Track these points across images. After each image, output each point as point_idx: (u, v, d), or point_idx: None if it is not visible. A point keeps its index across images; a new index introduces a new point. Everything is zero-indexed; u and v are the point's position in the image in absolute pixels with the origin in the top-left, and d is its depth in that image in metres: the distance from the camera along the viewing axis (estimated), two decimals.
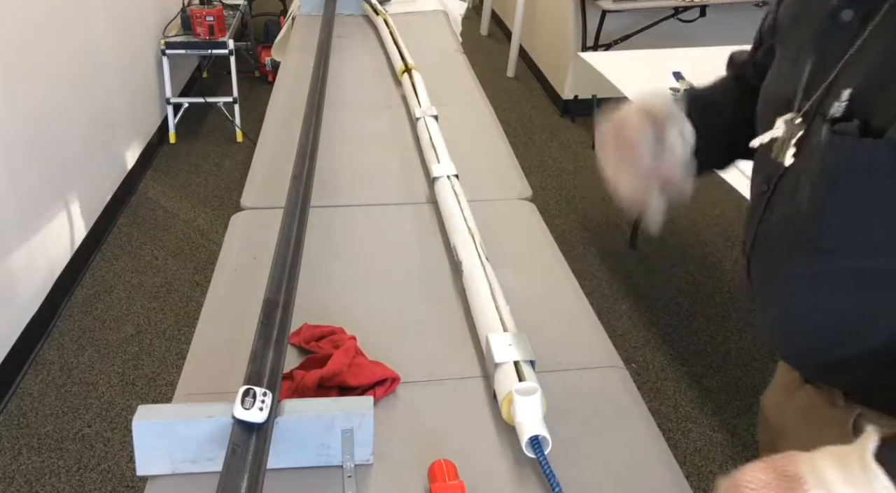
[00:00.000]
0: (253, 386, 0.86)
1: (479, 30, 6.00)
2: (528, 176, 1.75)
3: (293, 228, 1.25)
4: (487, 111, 2.08)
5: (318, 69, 2.03)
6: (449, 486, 0.88)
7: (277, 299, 1.05)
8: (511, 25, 5.05)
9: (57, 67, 2.63)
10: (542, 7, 4.79)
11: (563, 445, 0.97)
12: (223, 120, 4.07)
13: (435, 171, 1.60)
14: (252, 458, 0.80)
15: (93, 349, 2.40)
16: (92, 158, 2.93)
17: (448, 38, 2.78)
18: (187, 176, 3.56)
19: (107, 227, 3.05)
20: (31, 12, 2.43)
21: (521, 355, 1.03)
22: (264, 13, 5.06)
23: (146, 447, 0.88)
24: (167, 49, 3.64)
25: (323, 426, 0.90)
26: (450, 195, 1.49)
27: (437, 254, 1.41)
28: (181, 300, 2.65)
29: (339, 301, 1.26)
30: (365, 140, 1.88)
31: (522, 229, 1.50)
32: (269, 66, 4.57)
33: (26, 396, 2.20)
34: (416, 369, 1.11)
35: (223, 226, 2.34)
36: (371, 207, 1.57)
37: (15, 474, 1.95)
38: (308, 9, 3.00)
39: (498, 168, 1.74)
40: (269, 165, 1.73)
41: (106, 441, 2.06)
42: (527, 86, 4.87)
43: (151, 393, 2.23)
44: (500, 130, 1.97)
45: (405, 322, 1.22)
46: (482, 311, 1.17)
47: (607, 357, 1.15)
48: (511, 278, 1.30)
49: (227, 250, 1.40)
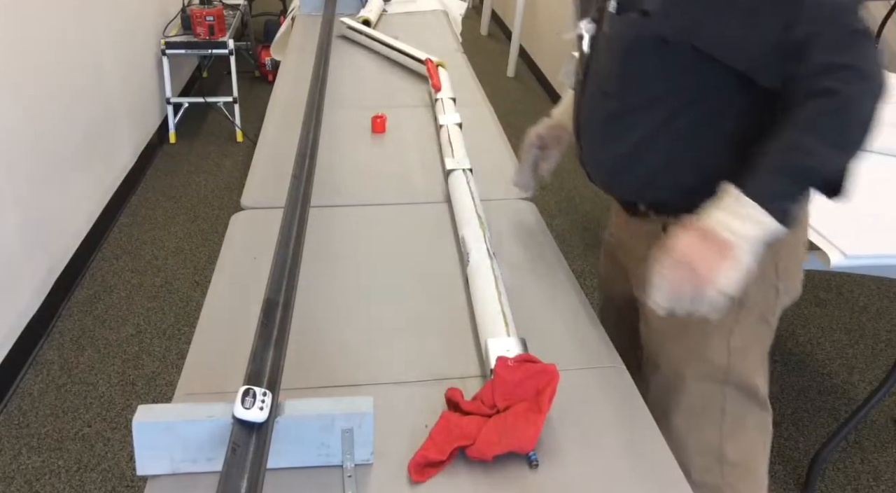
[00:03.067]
0: (253, 386, 0.86)
1: (479, 30, 6.00)
2: None
3: (293, 228, 1.25)
4: (487, 111, 2.08)
5: (318, 69, 2.03)
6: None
7: (277, 299, 1.05)
8: (511, 25, 5.05)
9: (57, 67, 2.63)
10: (542, 7, 4.79)
11: (563, 445, 0.97)
12: (223, 120, 4.07)
13: (449, 164, 1.63)
14: (252, 458, 0.80)
15: (93, 349, 2.40)
16: (92, 158, 2.93)
17: (448, 38, 2.78)
18: (187, 176, 3.56)
19: (107, 227, 3.05)
20: (32, 12, 2.43)
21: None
22: (264, 13, 5.06)
23: (146, 447, 0.88)
24: (167, 49, 3.64)
25: (323, 426, 0.90)
26: (463, 188, 1.52)
27: (437, 254, 1.41)
28: (181, 300, 2.65)
29: (339, 301, 1.26)
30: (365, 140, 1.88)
31: (522, 229, 1.50)
32: (269, 66, 4.57)
33: (26, 396, 2.21)
34: (416, 368, 1.11)
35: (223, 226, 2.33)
36: (371, 207, 1.57)
37: (15, 474, 1.95)
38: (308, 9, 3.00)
39: (498, 168, 1.74)
40: (269, 164, 1.73)
41: (106, 441, 2.06)
42: (527, 86, 4.87)
43: (151, 393, 2.23)
44: (500, 130, 1.97)
45: (405, 322, 1.22)
46: (484, 310, 1.17)
47: (607, 357, 1.15)
48: (511, 277, 1.31)
49: (227, 249, 1.40)
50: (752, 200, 0.91)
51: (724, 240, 0.92)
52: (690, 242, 0.94)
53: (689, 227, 0.96)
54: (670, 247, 0.96)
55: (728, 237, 0.92)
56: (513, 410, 0.96)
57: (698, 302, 0.94)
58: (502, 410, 0.97)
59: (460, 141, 1.73)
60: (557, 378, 0.98)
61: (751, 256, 0.92)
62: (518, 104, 4.55)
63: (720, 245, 0.92)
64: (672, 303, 0.96)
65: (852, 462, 2.05)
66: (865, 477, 2.01)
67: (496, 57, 5.35)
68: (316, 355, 1.13)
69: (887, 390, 1.79)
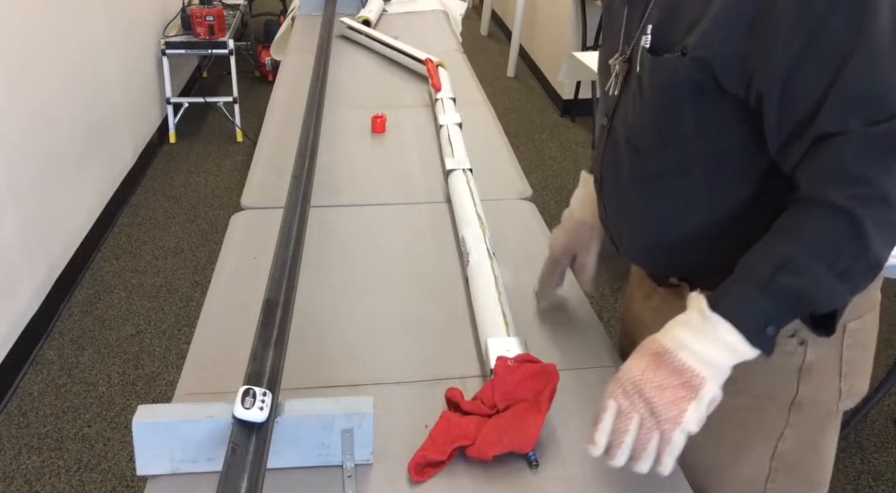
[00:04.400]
0: (253, 386, 0.86)
1: (479, 30, 6.00)
2: (528, 176, 1.75)
3: (293, 228, 1.25)
4: (487, 111, 2.08)
5: (318, 69, 2.03)
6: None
7: (277, 299, 1.05)
8: (511, 25, 5.05)
9: (57, 67, 2.63)
10: (542, 7, 4.79)
11: (563, 445, 0.97)
12: (223, 120, 4.07)
13: (449, 164, 1.63)
14: (252, 458, 0.80)
15: (93, 349, 2.40)
16: (92, 157, 2.93)
17: (448, 38, 2.78)
18: (187, 176, 3.56)
19: (107, 227, 3.05)
20: (32, 12, 2.43)
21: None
22: (264, 13, 5.06)
23: (146, 446, 0.88)
24: (167, 49, 3.64)
25: (323, 426, 0.90)
26: (463, 188, 1.52)
27: (438, 253, 1.41)
28: (181, 300, 2.65)
29: (339, 301, 1.26)
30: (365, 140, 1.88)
31: (522, 229, 1.50)
32: (269, 66, 4.57)
33: (26, 396, 2.20)
34: (416, 368, 1.11)
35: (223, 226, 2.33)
36: (371, 207, 1.57)
37: (15, 474, 1.95)
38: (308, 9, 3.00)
39: (498, 168, 1.74)
40: (269, 164, 1.73)
41: (106, 441, 2.06)
42: (527, 86, 4.87)
43: (151, 393, 2.23)
44: (500, 129, 1.97)
45: (405, 322, 1.22)
46: (484, 310, 1.17)
47: (607, 357, 1.15)
48: (511, 277, 1.31)
49: (227, 249, 1.40)
50: (725, 320, 0.74)
51: (685, 368, 0.75)
52: (644, 369, 0.78)
53: (643, 347, 0.80)
54: (619, 373, 0.80)
55: (690, 365, 0.75)
56: (513, 410, 0.96)
57: (648, 446, 0.77)
58: (502, 410, 0.97)
59: (460, 141, 1.73)
60: (557, 378, 0.98)
61: (719, 386, 0.76)
62: (518, 104, 4.55)
63: (680, 373, 0.75)
64: (615, 446, 0.79)
65: (852, 462, 2.05)
66: (865, 477, 2.01)
67: (496, 57, 5.35)
68: (316, 355, 1.13)
69: (887, 390, 1.80)
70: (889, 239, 0.72)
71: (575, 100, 4.29)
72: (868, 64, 0.70)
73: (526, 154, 3.82)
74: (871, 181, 0.70)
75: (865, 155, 0.71)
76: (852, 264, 0.72)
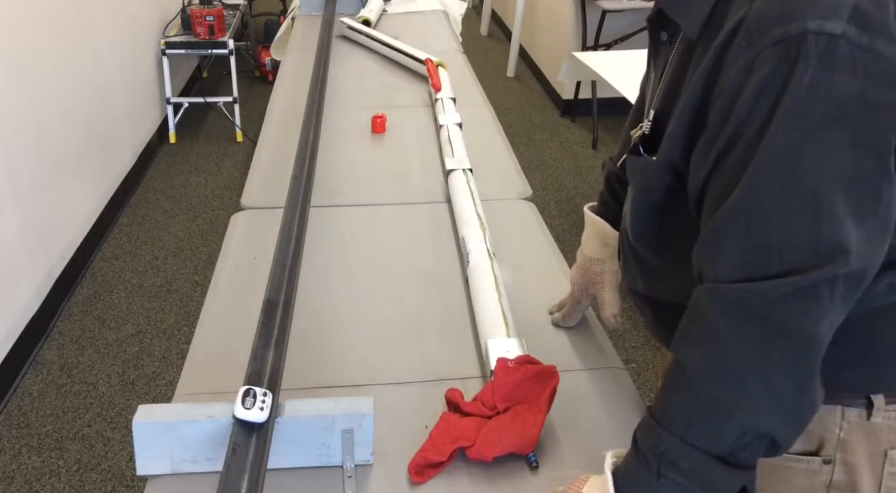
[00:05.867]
0: (253, 386, 0.86)
1: (479, 30, 6.00)
2: (528, 176, 1.75)
3: (293, 228, 1.25)
4: (487, 111, 2.08)
5: (318, 69, 2.03)
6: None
7: (277, 299, 1.05)
8: (511, 25, 5.05)
9: (57, 68, 2.63)
10: (542, 7, 4.79)
11: (563, 446, 0.97)
12: (223, 120, 4.07)
13: (449, 164, 1.63)
14: (252, 458, 0.80)
15: (93, 349, 2.40)
16: (92, 157, 2.93)
17: (448, 38, 2.78)
18: (187, 176, 3.56)
19: (107, 227, 3.05)
20: (32, 12, 2.43)
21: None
22: (264, 13, 5.06)
23: (146, 446, 0.88)
24: (167, 49, 3.64)
25: (323, 426, 0.90)
26: (463, 188, 1.51)
27: (438, 254, 1.41)
28: (181, 300, 2.65)
29: (339, 301, 1.26)
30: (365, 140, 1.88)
31: (522, 229, 1.50)
32: (269, 66, 4.57)
33: (26, 396, 2.20)
34: (416, 369, 1.11)
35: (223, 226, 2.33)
36: (371, 207, 1.57)
37: (15, 474, 1.95)
38: (308, 9, 3.00)
39: (498, 168, 1.74)
40: (269, 164, 1.73)
41: (106, 441, 2.06)
42: (527, 86, 4.87)
43: (151, 393, 2.23)
44: (500, 129, 1.97)
45: (405, 322, 1.22)
46: (484, 310, 1.17)
47: (607, 358, 1.15)
48: (511, 277, 1.31)
49: (227, 249, 1.40)
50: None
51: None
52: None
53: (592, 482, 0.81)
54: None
55: None
56: (513, 411, 0.96)
57: None
58: (502, 411, 0.97)
59: (460, 141, 1.73)
60: (557, 379, 0.98)
61: None
62: (518, 104, 4.55)
63: None
64: None
65: None
66: None
67: (496, 57, 5.34)
68: (316, 355, 1.13)
69: None
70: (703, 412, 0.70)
71: (575, 100, 4.28)
72: (745, 209, 0.66)
73: (526, 154, 3.82)
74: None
75: (716, 311, 0.69)
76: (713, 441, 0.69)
